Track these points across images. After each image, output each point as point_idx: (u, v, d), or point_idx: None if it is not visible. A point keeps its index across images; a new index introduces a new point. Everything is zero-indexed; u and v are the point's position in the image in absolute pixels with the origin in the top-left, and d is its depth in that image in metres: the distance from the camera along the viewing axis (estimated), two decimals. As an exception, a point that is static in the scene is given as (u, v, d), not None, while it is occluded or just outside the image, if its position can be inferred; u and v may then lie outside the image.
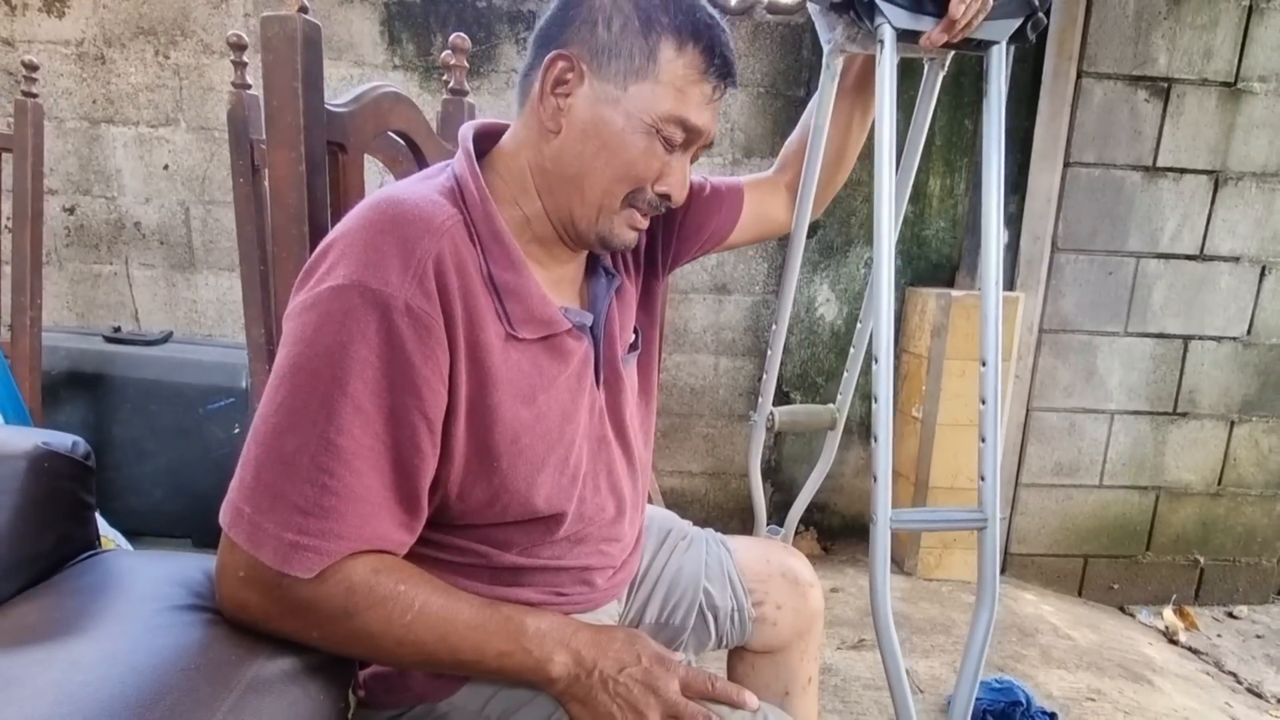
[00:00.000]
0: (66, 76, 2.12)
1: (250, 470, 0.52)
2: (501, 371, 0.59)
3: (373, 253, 0.53)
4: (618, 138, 0.60)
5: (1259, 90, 2.08)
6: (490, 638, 0.57)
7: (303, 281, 0.55)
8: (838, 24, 0.75)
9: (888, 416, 0.72)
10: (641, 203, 0.64)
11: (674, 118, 0.61)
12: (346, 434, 0.51)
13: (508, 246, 0.61)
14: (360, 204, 0.58)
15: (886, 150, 0.70)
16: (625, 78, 0.60)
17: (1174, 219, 2.14)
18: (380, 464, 0.53)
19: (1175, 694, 1.69)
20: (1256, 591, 2.38)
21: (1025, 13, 0.70)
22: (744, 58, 2.19)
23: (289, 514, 0.50)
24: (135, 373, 1.88)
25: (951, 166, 2.24)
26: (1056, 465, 2.27)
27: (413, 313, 0.53)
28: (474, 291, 0.57)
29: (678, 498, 2.43)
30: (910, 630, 1.85)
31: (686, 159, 0.66)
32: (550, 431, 0.63)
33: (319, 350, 0.51)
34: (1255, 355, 2.23)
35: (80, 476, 0.57)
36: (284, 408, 0.52)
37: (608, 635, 0.62)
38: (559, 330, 0.63)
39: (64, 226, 2.20)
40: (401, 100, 0.88)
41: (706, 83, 0.61)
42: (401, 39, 2.13)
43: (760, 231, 0.90)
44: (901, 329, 2.33)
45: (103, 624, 0.49)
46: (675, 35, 0.59)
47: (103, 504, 1.79)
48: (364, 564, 0.54)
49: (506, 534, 0.65)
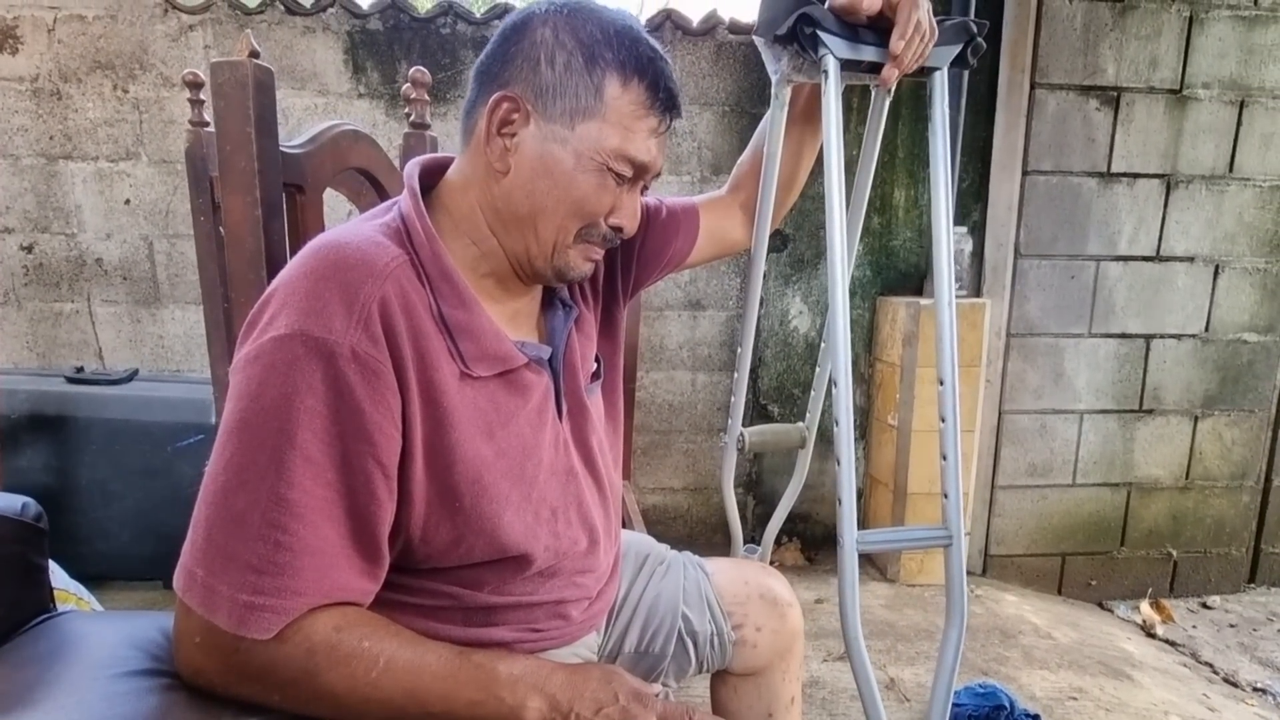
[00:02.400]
0: (22, 113, 2.08)
1: (201, 531, 0.50)
2: (459, 410, 0.58)
3: (314, 300, 0.52)
4: (568, 176, 0.60)
5: (1203, 96, 2.16)
6: (460, 687, 0.55)
7: (246, 333, 0.54)
8: (783, 55, 0.77)
9: (849, 440, 0.73)
10: (595, 237, 0.65)
11: (622, 154, 0.61)
12: (298, 487, 0.50)
13: (457, 285, 0.60)
14: (302, 251, 0.57)
15: (835, 176, 0.72)
16: (572, 117, 0.59)
17: (1130, 222, 2.21)
18: (335, 513, 0.52)
19: (1155, 688, 1.71)
20: (1228, 581, 2.43)
21: (964, 39, 0.74)
22: (708, 77, 2.23)
23: (243, 574, 0.49)
24: (99, 413, 1.83)
25: (915, 178, 2.29)
26: (1030, 466, 2.31)
27: (359, 359, 0.52)
28: (425, 332, 0.57)
29: (660, 514, 2.43)
30: (895, 638, 1.86)
31: (636, 191, 0.66)
32: (513, 468, 0.62)
33: (265, 404, 0.50)
34: (1214, 351, 2.30)
35: (31, 539, 0.56)
36: (232, 464, 0.51)
37: (583, 675, 0.61)
38: (515, 366, 0.63)
39: (22, 265, 2.15)
40: (361, 138, 0.88)
41: (652, 116, 0.62)
42: (366, 68, 2.13)
43: (717, 250, 0.92)
44: (874, 338, 2.37)
45: (56, 694, 0.48)
46: (619, 71, 0.59)
47: (69, 550, 1.74)
48: (325, 621, 0.52)
49: (477, 574, 0.64)
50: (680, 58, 2.21)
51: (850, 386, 0.73)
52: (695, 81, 2.22)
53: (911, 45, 0.69)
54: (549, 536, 0.67)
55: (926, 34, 0.70)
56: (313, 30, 2.10)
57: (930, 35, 0.71)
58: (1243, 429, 2.34)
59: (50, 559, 0.61)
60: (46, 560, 0.58)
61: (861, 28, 0.71)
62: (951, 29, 0.73)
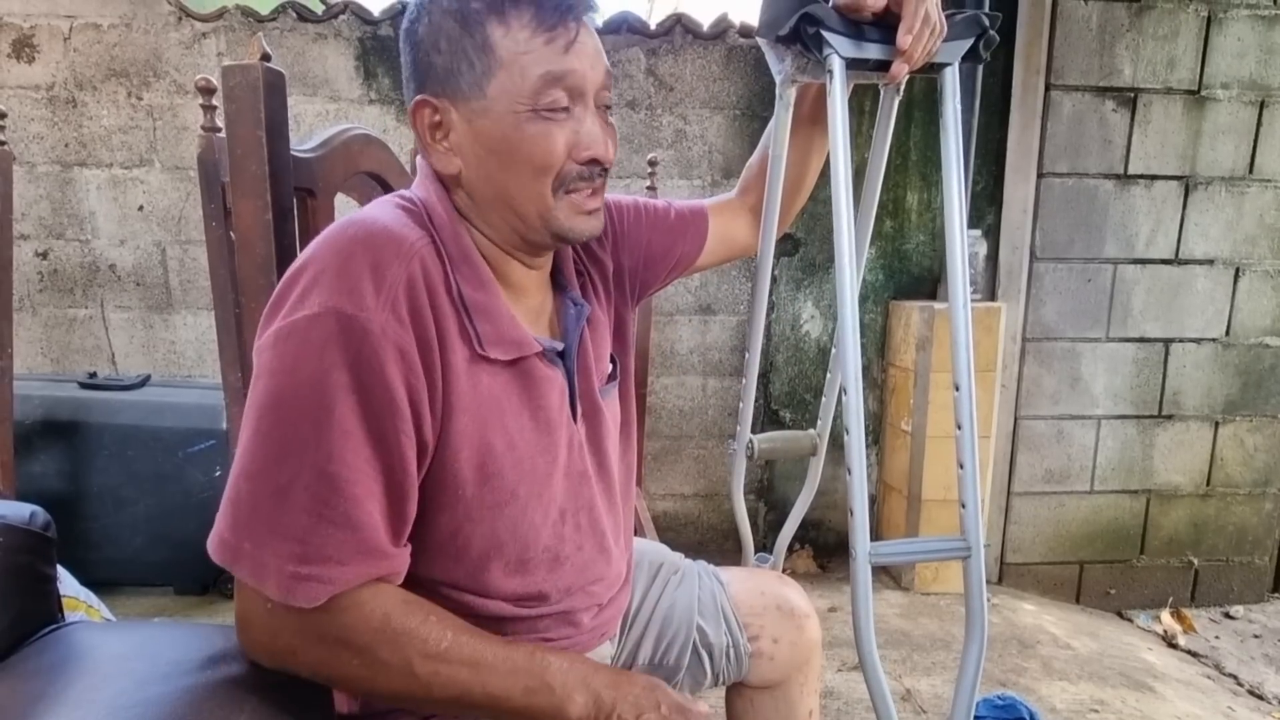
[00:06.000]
0: (37, 121, 2.10)
1: (246, 505, 0.51)
2: (469, 397, 0.58)
3: (346, 278, 0.52)
4: (508, 142, 0.57)
5: (1222, 97, 2.13)
6: (518, 671, 0.56)
7: (274, 309, 0.54)
8: (786, 55, 0.75)
9: (860, 450, 0.71)
10: (572, 183, 0.60)
11: (539, 87, 0.56)
12: (337, 459, 0.51)
13: (476, 265, 0.60)
14: (329, 228, 0.57)
15: (843, 177, 0.70)
16: (480, 85, 0.57)
17: (1148, 225, 2.17)
18: (374, 489, 0.53)
19: (1178, 700, 1.67)
20: (1251, 590, 2.38)
21: (976, 33, 0.71)
22: (719, 81, 2.22)
23: (289, 544, 0.50)
24: (112, 418, 1.84)
25: (928, 181, 2.26)
26: (1047, 473, 2.27)
27: (388, 335, 0.52)
28: (444, 312, 0.57)
29: (670, 520, 2.41)
30: (910, 648, 1.83)
31: (589, 116, 0.60)
32: (521, 462, 0.61)
33: (301, 380, 0.51)
34: (1235, 355, 2.25)
35: (39, 549, 0.55)
36: (271, 438, 0.51)
37: (628, 679, 0.61)
38: (529, 352, 0.62)
39: (37, 271, 2.17)
40: (372, 141, 0.87)
41: (548, 30, 0.56)
42: (377, 73, 2.14)
43: (726, 254, 0.90)
44: (887, 342, 2.34)
45: (63, 708, 0.47)
46: (492, 13, 0.56)
47: (80, 555, 1.75)
48: (394, 594, 0.55)
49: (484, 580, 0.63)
50: (691, 61, 2.20)
51: (861, 394, 0.71)
52: (706, 85, 2.21)
53: (920, 40, 0.67)
54: (557, 539, 0.66)
55: (935, 27, 0.68)
56: (324, 37, 2.11)
57: (939, 29, 0.68)
58: (1265, 435, 2.29)
59: (60, 566, 0.61)
60: (55, 570, 0.57)
61: (867, 25, 0.68)
62: (962, 23, 0.70)
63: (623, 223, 0.80)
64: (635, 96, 2.20)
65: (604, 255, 0.77)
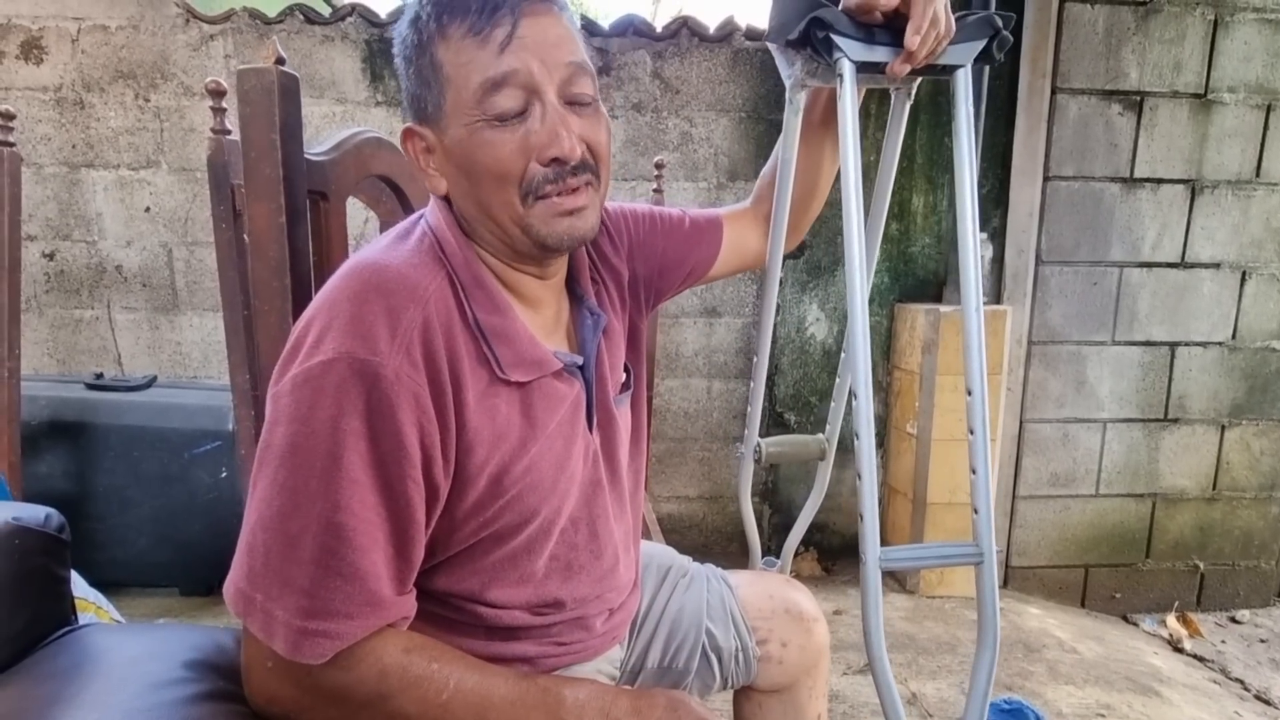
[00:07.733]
0: (45, 122, 2.11)
1: (260, 555, 0.51)
2: (486, 431, 0.58)
3: (359, 323, 0.52)
4: (469, 157, 0.57)
5: (1229, 100, 2.12)
6: (529, 712, 0.55)
7: (290, 355, 0.54)
8: (796, 59, 0.75)
9: (870, 455, 0.70)
10: (540, 188, 0.57)
11: (479, 96, 0.55)
12: (344, 509, 0.51)
13: (490, 289, 0.60)
14: (339, 273, 0.57)
15: (853, 182, 0.70)
16: (440, 104, 0.57)
17: (1154, 228, 2.17)
18: (379, 537, 0.53)
19: (1185, 705, 1.67)
20: (1257, 595, 2.37)
21: (988, 34, 0.70)
22: (725, 83, 2.22)
23: (296, 599, 0.50)
24: (118, 419, 1.84)
25: (934, 184, 2.26)
26: (1052, 476, 2.26)
27: (402, 380, 0.52)
28: (460, 347, 0.56)
29: (675, 523, 2.41)
30: (916, 651, 1.82)
31: (550, 112, 0.56)
32: (540, 485, 0.61)
33: (314, 428, 0.51)
34: (1241, 359, 2.25)
35: (54, 550, 0.55)
36: (285, 488, 0.51)
37: (649, 702, 0.59)
38: (549, 371, 0.62)
39: (44, 272, 2.17)
40: (384, 145, 0.87)
41: (478, 36, 0.54)
42: (384, 75, 2.14)
43: (740, 263, 0.90)
44: (892, 345, 2.34)
45: (79, 711, 0.47)
46: (435, 31, 0.56)
47: (86, 556, 1.75)
48: (394, 644, 0.53)
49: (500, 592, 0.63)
50: (696, 64, 2.20)
51: (870, 399, 0.70)
52: (712, 88, 2.22)
53: (926, 40, 0.66)
54: (566, 547, 0.66)
55: (943, 28, 0.67)
56: (331, 39, 2.12)
57: (947, 30, 0.68)
58: (1272, 439, 2.29)
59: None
60: (69, 572, 0.57)
61: (877, 28, 0.68)
62: (974, 24, 0.70)
63: (638, 231, 0.79)
64: (641, 99, 2.20)
65: (619, 263, 0.77)
